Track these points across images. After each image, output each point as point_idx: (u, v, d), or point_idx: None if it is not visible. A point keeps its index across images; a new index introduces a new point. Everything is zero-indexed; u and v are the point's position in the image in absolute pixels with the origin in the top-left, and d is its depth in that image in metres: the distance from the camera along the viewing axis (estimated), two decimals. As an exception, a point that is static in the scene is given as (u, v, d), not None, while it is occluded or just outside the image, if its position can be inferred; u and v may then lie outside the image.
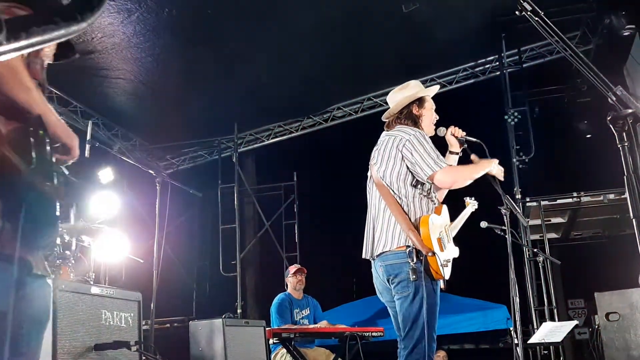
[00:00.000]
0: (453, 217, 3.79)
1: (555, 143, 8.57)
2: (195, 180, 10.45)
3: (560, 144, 8.67)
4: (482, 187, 4.00)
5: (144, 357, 3.39)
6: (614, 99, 1.58)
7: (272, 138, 9.87)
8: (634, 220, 1.60)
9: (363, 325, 6.24)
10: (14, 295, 1.58)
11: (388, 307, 3.60)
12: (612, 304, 6.03)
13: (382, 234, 3.42)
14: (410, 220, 3.33)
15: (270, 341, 5.18)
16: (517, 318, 3.76)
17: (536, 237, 7.83)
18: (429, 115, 3.66)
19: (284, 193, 10.29)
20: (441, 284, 3.40)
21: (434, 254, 3.19)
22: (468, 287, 8.39)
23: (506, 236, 4.55)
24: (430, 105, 3.69)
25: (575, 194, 6.84)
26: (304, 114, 9.45)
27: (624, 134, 1.57)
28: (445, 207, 3.57)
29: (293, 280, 6.42)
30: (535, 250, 5.93)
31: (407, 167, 3.42)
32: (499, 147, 7.47)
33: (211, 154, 10.21)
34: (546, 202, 6.92)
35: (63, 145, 1.81)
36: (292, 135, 9.73)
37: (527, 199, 7.13)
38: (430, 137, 3.61)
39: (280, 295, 6.37)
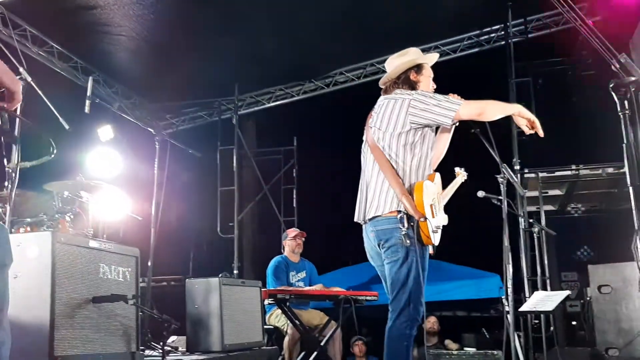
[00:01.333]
0: (444, 186, 3.83)
1: (557, 115, 8.52)
2: (194, 141, 10.41)
3: (562, 116, 8.62)
4: (481, 157, 4.02)
5: (140, 312, 3.44)
6: (618, 66, 1.58)
7: (273, 101, 9.81)
8: (630, 187, 1.61)
9: (358, 290, 6.31)
10: None
11: (378, 272, 3.66)
12: (605, 277, 6.11)
13: (375, 198, 3.45)
14: (404, 185, 3.36)
15: (266, 302, 5.25)
16: (509, 285, 3.82)
17: (533, 208, 7.86)
18: (426, 82, 3.66)
19: (283, 157, 10.29)
20: (430, 250, 3.45)
21: (426, 219, 3.23)
22: (463, 256, 8.47)
23: (502, 206, 4.58)
24: (428, 72, 3.69)
25: (574, 167, 6.84)
26: (305, 77, 9.37)
27: (626, 101, 1.57)
28: (438, 175, 3.59)
29: (292, 243, 6.47)
30: (531, 221, 5.98)
31: (413, 128, 3.41)
32: (501, 117, 7.44)
33: (211, 116, 10.16)
34: (544, 174, 6.93)
35: (7, 89, 1.77)
36: (293, 99, 9.66)
37: (526, 170, 7.14)
38: None
39: (276, 258, 6.44)
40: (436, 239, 3.40)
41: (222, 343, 4.22)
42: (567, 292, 4.89)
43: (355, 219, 3.63)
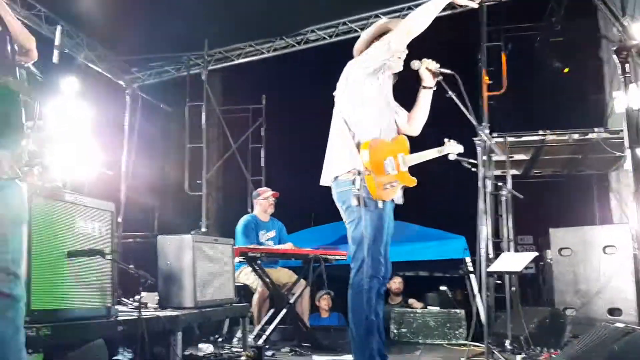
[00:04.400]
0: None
1: (525, 80, 8.63)
2: (160, 96, 10.18)
3: (530, 81, 8.74)
4: (454, 119, 4.05)
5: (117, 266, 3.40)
6: (621, 29, 1.58)
7: (242, 58, 9.60)
8: (628, 150, 1.64)
9: (327, 249, 6.37)
10: None
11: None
12: (566, 240, 6.29)
13: (334, 160, 3.62)
14: (355, 144, 3.51)
15: (235, 260, 5.26)
16: (483, 246, 3.89)
17: (497, 172, 7.98)
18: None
19: (251, 116, 10.17)
20: (388, 205, 3.57)
21: (370, 173, 3.38)
22: (429, 217, 8.61)
23: (473, 169, 4.64)
24: None
25: (541, 132, 6.91)
26: (276, 34, 9.18)
27: (627, 65, 1.58)
28: (403, 137, 3.74)
29: (265, 203, 6.45)
30: (499, 184, 6.06)
31: (367, 75, 3.57)
32: (472, 81, 7.49)
33: (178, 70, 9.91)
34: (512, 139, 6.99)
35: (20, 47, 1.77)
36: (263, 56, 9.48)
37: (494, 135, 7.21)
38: (404, 72, 3.78)
39: (246, 217, 6.43)
40: (389, 195, 3.53)
41: (194, 299, 4.23)
42: (535, 254, 5.03)
43: (321, 183, 3.75)
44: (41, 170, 4.37)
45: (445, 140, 3.90)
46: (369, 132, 3.53)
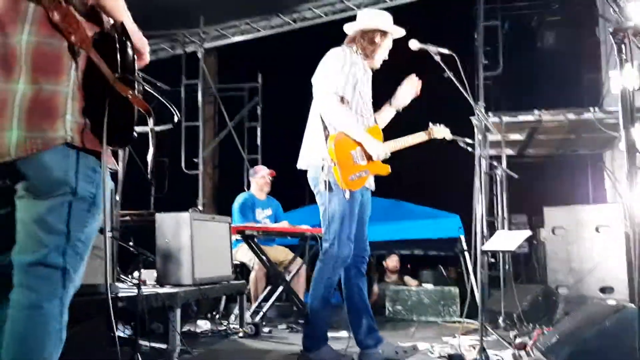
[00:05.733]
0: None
1: (521, 60, 8.63)
2: (155, 74, 10.12)
3: (527, 61, 8.73)
4: (451, 98, 4.06)
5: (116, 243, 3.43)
6: (617, 10, 1.60)
7: (238, 35, 9.55)
8: (622, 130, 1.67)
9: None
10: (93, 182, 1.74)
11: None
12: (559, 219, 6.35)
13: (307, 147, 3.76)
14: (325, 135, 3.62)
15: (232, 238, 5.30)
16: (478, 224, 3.93)
17: (493, 152, 8.02)
18: (382, 52, 3.85)
19: (248, 94, 10.14)
20: (357, 193, 3.65)
21: (335, 165, 3.50)
22: (424, 196, 8.66)
23: (468, 148, 4.66)
24: (389, 43, 3.86)
25: (536, 112, 6.93)
26: (273, 11, 9.10)
27: (623, 46, 1.61)
28: (376, 127, 3.85)
29: (261, 181, 6.47)
30: (494, 163, 6.11)
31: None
32: (467, 61, 7.48)
33: (173, 48, 9.85)
34: (508, 118, 7.02)
35: (136, 51, 1.84)
36: (260, 34, 9.42)
37: (490, 114, 7.24)
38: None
39: (243, 195, 6.45)
40: (358, 184, 3.61)
41: (192, 276, 4.26)
42: (528, 232, 5.08)
43: (298, 166, 3.86)
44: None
45: (430, 124, 3.97)
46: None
